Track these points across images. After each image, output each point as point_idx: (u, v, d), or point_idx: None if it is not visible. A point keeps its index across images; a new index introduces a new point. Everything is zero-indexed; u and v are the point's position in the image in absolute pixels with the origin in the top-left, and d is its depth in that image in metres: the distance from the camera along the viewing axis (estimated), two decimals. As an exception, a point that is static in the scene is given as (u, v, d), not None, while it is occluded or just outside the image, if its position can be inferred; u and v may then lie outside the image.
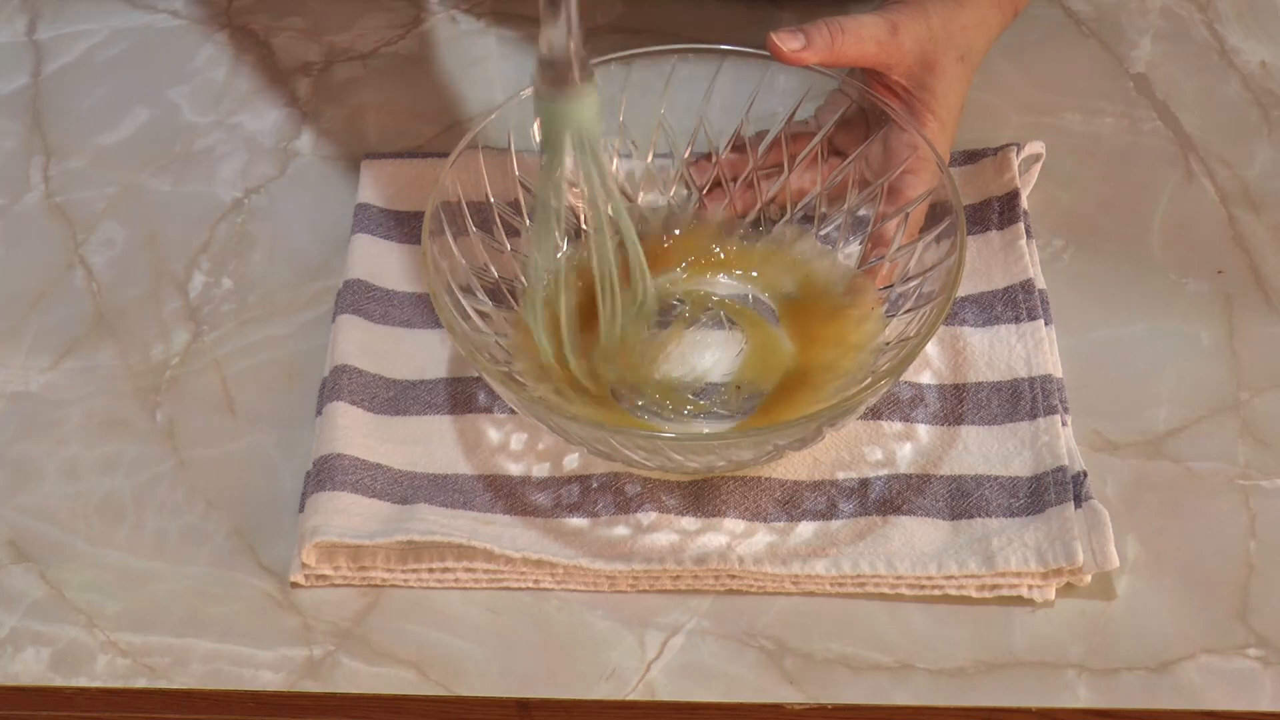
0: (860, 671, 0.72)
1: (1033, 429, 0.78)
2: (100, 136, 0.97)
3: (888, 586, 0.74)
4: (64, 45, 1.03)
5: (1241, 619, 0.73)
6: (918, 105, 0.85)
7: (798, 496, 0.77)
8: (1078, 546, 0.73)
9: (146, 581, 0.76)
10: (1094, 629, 0.73)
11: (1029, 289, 0.84)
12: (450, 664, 0.73)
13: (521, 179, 0.85)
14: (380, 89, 0.99)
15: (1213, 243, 0.88)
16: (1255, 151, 0.93)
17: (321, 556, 0.75)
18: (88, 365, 0.85)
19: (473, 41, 1.02)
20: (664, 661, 0.73)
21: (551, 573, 0.75)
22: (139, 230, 0.92)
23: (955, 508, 0.76)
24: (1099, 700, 0.71)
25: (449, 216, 0.81)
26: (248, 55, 1.02)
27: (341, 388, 0.81)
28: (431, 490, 0.78)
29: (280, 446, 0.81)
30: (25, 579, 0.77)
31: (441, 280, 0.78)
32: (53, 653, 0.74)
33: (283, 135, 0.97)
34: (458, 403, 0.82)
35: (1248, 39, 0.99)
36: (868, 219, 0.84)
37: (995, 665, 0.72)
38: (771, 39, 0.82)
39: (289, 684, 0.73)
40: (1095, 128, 0.95)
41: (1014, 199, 0.88)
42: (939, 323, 0.75)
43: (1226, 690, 0.71)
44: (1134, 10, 1.02)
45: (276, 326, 0.87)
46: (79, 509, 0.79)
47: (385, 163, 0.92)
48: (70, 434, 0.82)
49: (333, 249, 0.90)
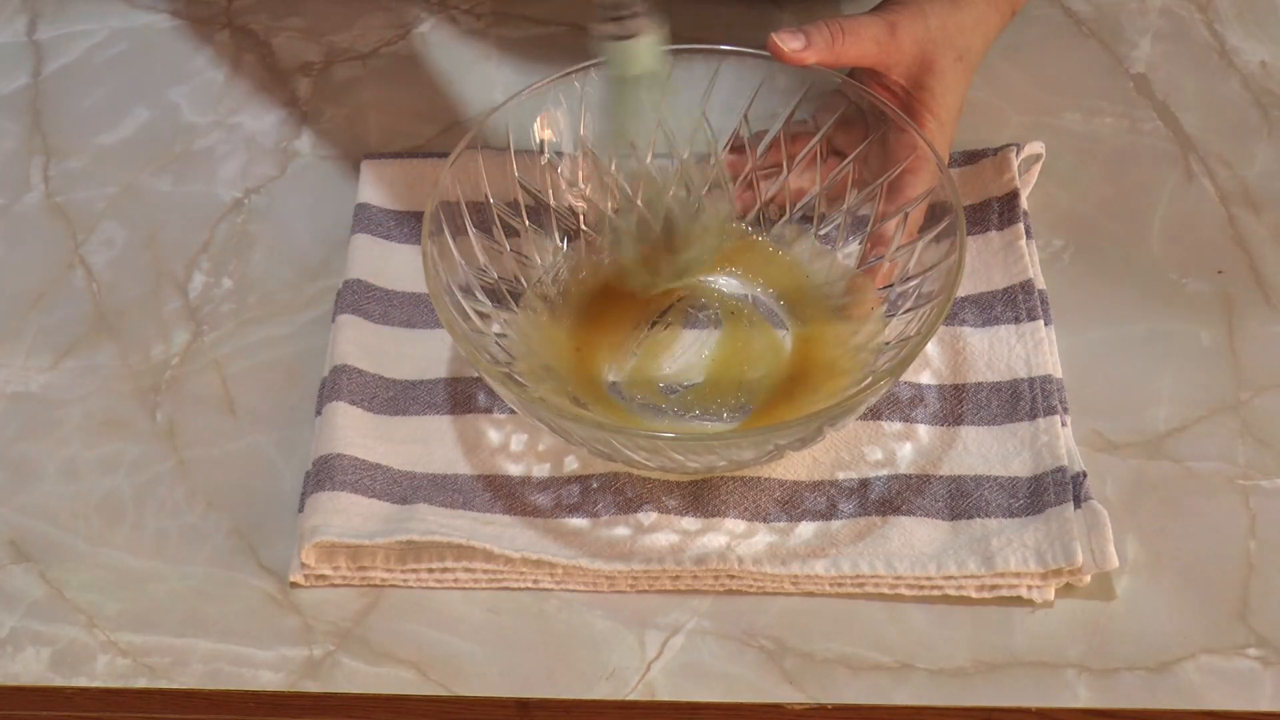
0: (860, 671, 0.72)
1: (1032, 429, 0.78)
2: (100, 136, 0.97)
3: (887, 587, 0.74)
4: (64, 45, 1.03)
5: (1241, 619, 0.73)
6: (916, 105, 0.85)
7: (798, 496, 0.77)
8: (1077, 547, 0.73)
9: (146, 581, 0.76)
10: (1094, 629, 0.73)
11: (1029, 289, 0.84)
12: (450, 664, 0.73)
13: (521, 179, 0.85)
14: (380, 89, 0.99)
15: (1213, 243, 0.88)
16: (1255, 151, 0.93)
17: (321, 556, 0.75)
18: (88, 365, 0.85)
19: (473, 41, 1.02)
20: (664, 661, 0.73)
21: (551, 573, 0.75)
22: (139, 230, 0.92)
23: (955, 508, 0.76)
24: (1099, 700, 0.71)
25: (448, 216, 0.81)
26: (248, 55, 1.02)
27: (341, 388, 0.81)
28: (431, 490, 0.78)
29: (280, 446, 0.81)
30: (25, 579, 0.77)
31: (441, 280, 0.78)
32: (53, 653, 0.74)
33: (283, 135, 0.97)
34: (457, 403, 0.82)
35: (1248, 39, 0.99)
36: (867, 219, 0.84)
37: (995, 665, 0.72)
38: (772, 39, 0.82)
39: (289, 684, 0.73)
40: (1095, 128, 0.95)
41: (1014, 199, 0.88)
42: (939, 323, 0.75)
43: (1226, 690, 0.71)
44: (1134, 10, 1.02)
45: (276, 326, 0.87)
46: (79, 509, 0.79)
47: (385, 163, 0.92)
48: (70, 434, 0.82)
49: (333, 249, 0.90)
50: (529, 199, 0.85)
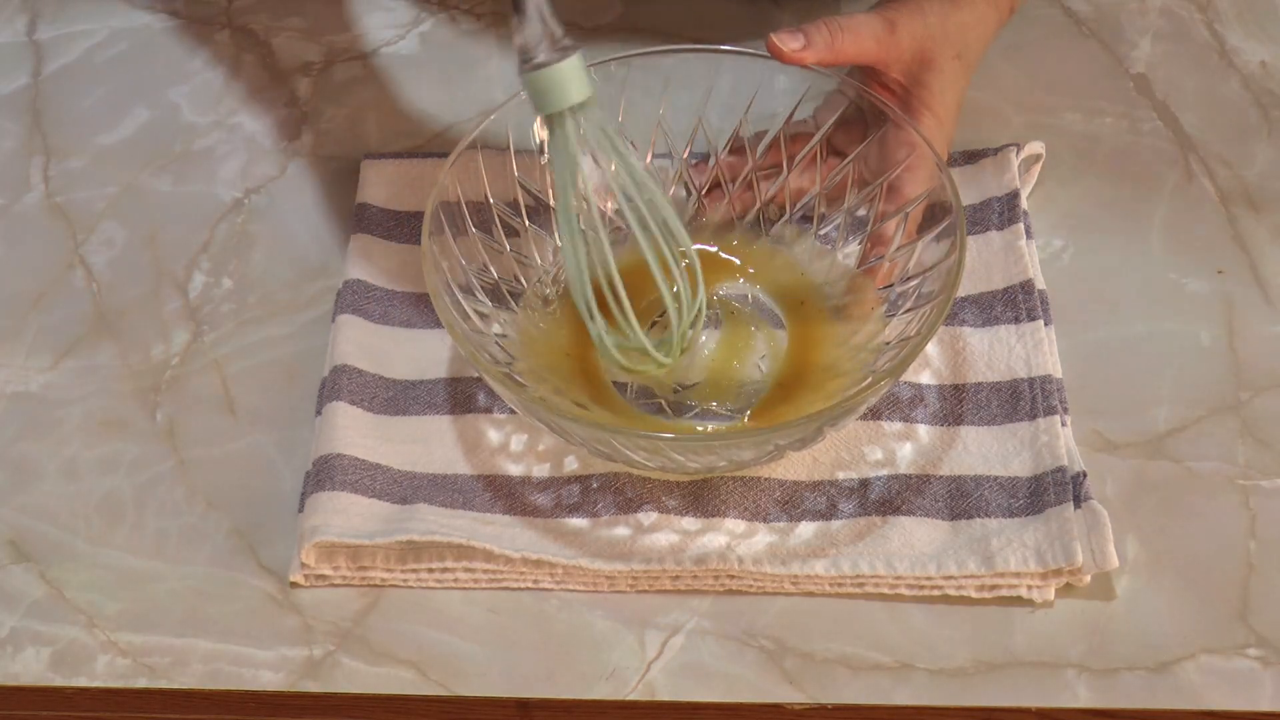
0: (860, 671, 0.72)
1: (1032, 429, 0.78)
2: (100, 136, 0.97)
3: (887, 587, 0.74)
4: (64, 45, 1.03)
5: (1241, 619, 0.73)
6: (915, 103, 0.85)
7: (798, 496, 0.77)
8: (1077, 547, 0.73)
9: (146, 581, 0.76)
10: (1094, 629, 0.73)
11: (1029, 289, 0.84)
12: (450, 664, 0.73)
13: (520, 179, 0.85)
14: (380, 89, 0.99)
15: (1213, 243, 0.88)
16: (1255, 151, 0.93)
17: (321, 556, 0.75)
18: (88, 365, 0.85)
19: (473, 41, 1.02)
20: (664, 661, 0.73)
21: (551, 573, 0.75)
22: (139, 230, 0.92)
23: (955, 508, 0.76)
24: (1099, 700, 0.71)
25: (449, 216, 0.81)
26: (248, 55, 1.02)
27: (341, 388, 0.81)
28: (431, 490, 0.78)
29: (280, 446, 0.81)
30: (25, 579, 0.77)
31: (441, 280, 0.78)
32: (53, 653, 0.74)
33: (283, 135, 0.97)
34: (457, 403, 0.82)
35: (1248, 39, 0.99)
36: (867, 219, 0.84)
37: (995, 665, 0.72)
38: (771, 39, 0.82)
39: (289, 684, 0.73)
40: (1095, 128, 0.95)
41: (1014, 199, 0.88)
42: (939, 323, 0.75)
43: (1226, 690, 0.71)
44: (1134, 10, 1.02)
45: (276, 326, 0.87)
46: (79, 509, 0.79)
47: (385, 163, 0.92)
48: (70, 434, 0.82)
49: (333, 249, 0.90)
50: (529, 199, 0.85)
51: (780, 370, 0.81)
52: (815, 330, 0.83)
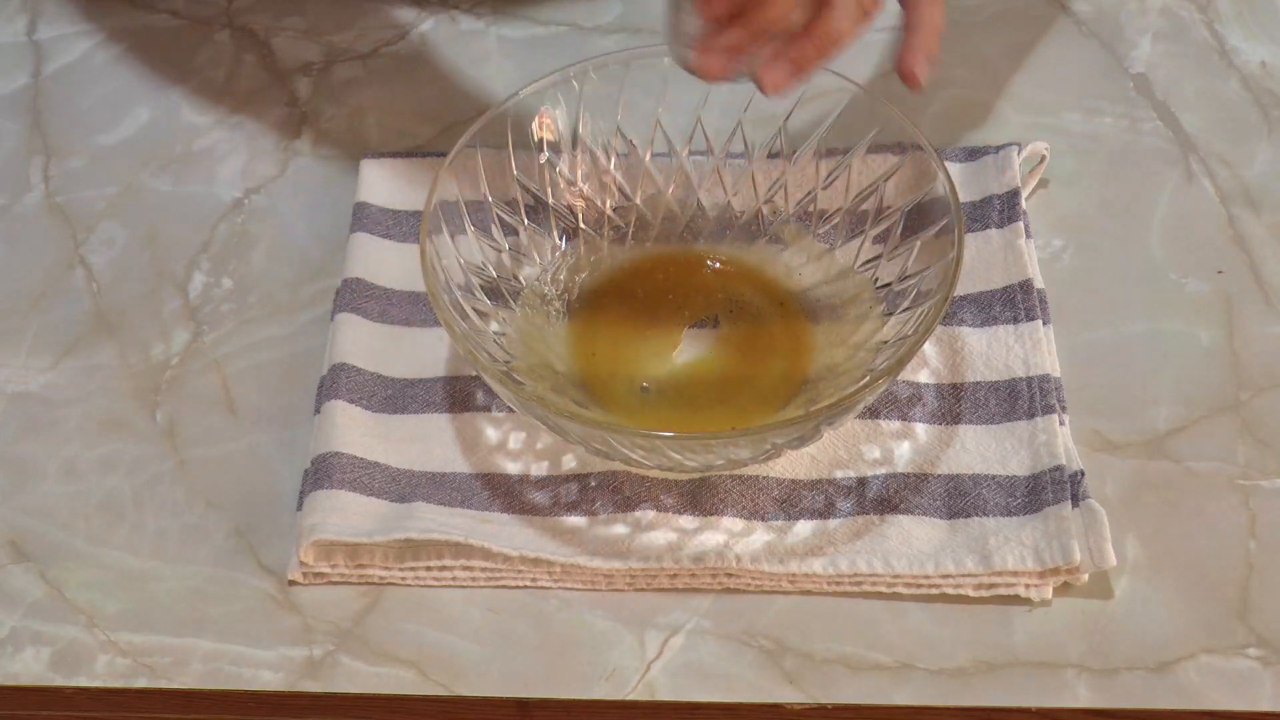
0: (860, 671, 0.72)
1: (1030, 428, 0.78)
2: (100, 136, 0.97)
3: (885, 586, 0.74)
4: (64, 45, 1.03)
5: (1241, 619, 0.73)
6: None
7: (796, 495, 0.77)
8: (1075, 545, 0.73)
9: (146, 581, 0.76)
10: (1093, 629, 0.73)
11: (1028, 289, 0.84)
12: (450, 664, 0.73)
13: (519, 178, 0.85)
14: (380, 89, 0.99)
15: (1213, 243, 0.88)
16: (1255, 151, 0.93)
17: (319, 554, 0.75)
18: (88, 365, 0.85)
19: (473, 41, 1.02)
20: (664, 661, 0.73)
21: (549, 571, 0.75)
22: (139, 230, 0.92)
23: (953, 507, 0.76)
24: (1099, 700, 0.71)
25: (447, 215, 0.81)
26: (248, 55, 1.02)
27: (340, 386, 0.81)
28: (429, 488, 0.78)
29: (280, 446, 0.81)
30: (25, 579, 0.77)
31: (440, 279, 0.78)
32: (53, 653, 0.74)
33: (283, 135, 0.97)
34: (456, 401, 0.82)
35: (1248, 39, 0.99)
36: (866, 217, 0.84)
37: (995, 665, 0.72)
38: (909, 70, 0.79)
39: (289, 684, 0.73)
40: (1095, 128, 0.95)
41: (1014, 198, 0.88)
42: (937, 321, 0.75)
43: (1226, 690, 0.71)
44: (1134, 10, 1.02)
45: (276, 326, 0.87)
46: (79, 509, 0.79)
47: (385, 162, 0.92)
48: (70, 434, 0.82)
49: (333, 249, 0.90)
50: (528, 198, 0.85)
51: (778, 369, 0.81)
52: (814, 329, 0.83)
